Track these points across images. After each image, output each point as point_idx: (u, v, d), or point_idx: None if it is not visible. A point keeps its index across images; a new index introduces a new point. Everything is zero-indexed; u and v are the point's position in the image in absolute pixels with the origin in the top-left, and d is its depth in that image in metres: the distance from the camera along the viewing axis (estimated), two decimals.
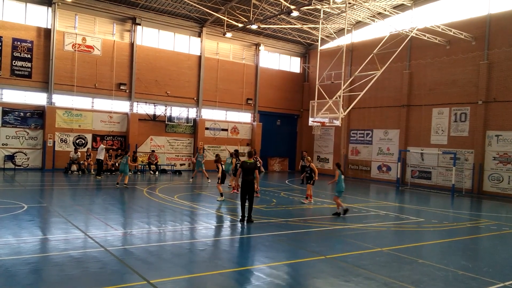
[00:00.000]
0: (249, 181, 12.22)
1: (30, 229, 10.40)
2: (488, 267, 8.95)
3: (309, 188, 17.32)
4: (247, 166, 12.34)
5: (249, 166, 12.33)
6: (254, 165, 12.39)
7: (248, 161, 12.54)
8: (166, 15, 29.41)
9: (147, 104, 29.13)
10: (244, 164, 12.47)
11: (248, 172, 12.29)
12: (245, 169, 12.34)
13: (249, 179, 12.23)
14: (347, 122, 32.02)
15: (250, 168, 12.31)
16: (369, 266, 8.44)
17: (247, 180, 12.22)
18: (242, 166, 12.49)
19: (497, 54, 24.16)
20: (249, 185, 12.22)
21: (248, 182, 12.21)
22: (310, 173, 17.32)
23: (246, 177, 12.25)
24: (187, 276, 7.47)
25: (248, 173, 12.28)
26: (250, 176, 12.27)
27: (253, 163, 12.46)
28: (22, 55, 25.00)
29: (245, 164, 12.43)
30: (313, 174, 17.18)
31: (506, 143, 23.59)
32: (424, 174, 27.53)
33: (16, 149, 25.11)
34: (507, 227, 14.16)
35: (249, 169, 12.30)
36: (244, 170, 12.34)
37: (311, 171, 17.25)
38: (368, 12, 28.33)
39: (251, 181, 12.25)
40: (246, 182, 12.22)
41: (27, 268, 7.40)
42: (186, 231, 11.34)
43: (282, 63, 36.24)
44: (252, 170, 12.32)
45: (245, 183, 12.24)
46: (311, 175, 17.24)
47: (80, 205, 14.24)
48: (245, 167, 12.36)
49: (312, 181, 17.20)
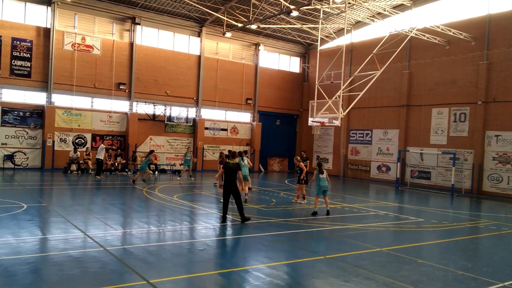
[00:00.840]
0: (232, 182, 12.11)
1: (29, 228, 10.39)
2: (488, 267, 8.96)
3: (302, 188, 17.02)
4: (230, 167, 12.22)
5: (232, 167, 12.23)
6: (237, 166, 12.32)
7: (231, 161, 12.44)
8: (165, 15, 29.40)
9: (146, 104, 29.12)
10: (227, 165, 12.33)
11: (231, 172, 12.16)
12: (228, 170, 12.20)
13: (232, 180, 12.12)
14: (346, 122, 32.04)
15: (233, 168, 12.21)
16: (369, 266, 8.44)
17: (230, 180, 12.10)
18: (225, 167, 12.34)
19: (496, 54, 24.18)
20: (232, 186, 12.11)
21: (231, 183, 12.10)
22: (300, 173, 16.96)
23: (229, 178, 12.13)
24: (187, 276, 7.47)
25: (231, 173, 12.16)
26: (233, 177, 12.15)
27: (236, 163, 12.42)
28: (22, 55, 24.98)
29: (228, 165, 12.30)
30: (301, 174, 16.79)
31: (506, 143, 23.61)
32: (423, 174, 27.54)
33: (16, 149, 25.09)
34: (506, 227, 14.17)
35: (232, 170, 12.18)
36: (227, 171, 12.20)
37: (301, 171, 16.92)
38: (368, 12, 28.34)
39: (234, 182, 12.15)
40: (229, 182, 12.11)
41: (26, 267, 7.39)
42: (185, 231, 11.34)
43: (281, 63, 36.24)
44: (235, 170, 12.22)
45: (228, 184, 12.12)
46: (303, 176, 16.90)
47: (79, 204, 14.24)
48: (228, 168, 12.23)
49: (304, 181, 16.85)
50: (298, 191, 17.42)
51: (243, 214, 12.23)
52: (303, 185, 17.09)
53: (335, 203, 17.89)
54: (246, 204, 15.28)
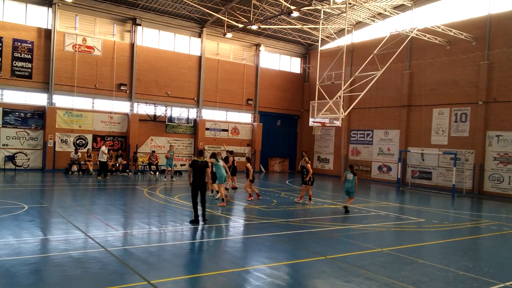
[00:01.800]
0: (200, 181, 11.97)
1: (30, 229, 10.40)
2: (489, 268, 8.95)
3: (309, 189, 17.18)
4: (198, 165, 12.04)
5: (200, 165, 12.06)
6: (205, 164, 12.18)
7: (199, 159, 12.26)
8: (166, 16, 29.42)
9: (147, 105, 29.14)
10: (195, 163, 12.12)
11: (199, 171, 12.00)
12: (195, 168, 12.01)
13: (200, 179, 11.97)
14: (347, 122, 32.02)
15: (201, 167, 12.04)
16: (370, 267, 8.43)
17: (199, 179, 11.96)
18: (192, 165, 12.13)
19: (497, 54, 24.16)
20: (200, 185, 11.98)
21: (199, 182, 11.96)
22: (306, 174, 17.18)
23: (198, 176, 11.97)
24: (188, 277, 7.48)
25: (199, 172, 11.99)
26: (201, 175, 12.00)
27: (204, 162, 12.28)
28: (23, 56, 25.01)
29: (196, 163, 12.10)
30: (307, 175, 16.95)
31: (507, 143, 23.58)
32: (424, 175, 27.52)
33: (17, 150, 25.12)
34: (507, 227, 14.16)
35: (200, 168, 12.02)
36: (195, 169, 12.01)
37: (307, 172, 17.14)
38: (368, 13, 28.33)
39: (202, 181, 11.99)
40: (197, 181, 11.96)
41: (27, 268, 7.40)
42: (186, 231, 11.33)
43: (282, 63, 36.25)
44: (203, 169, 12.06)
45: (196, 182, 11.97)
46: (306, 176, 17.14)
47: (80, 205, 14.24)
48: (195, 166, 12.04)
49: (310, 182, 17.02)
50: (302, 192, 17.43)
51: (205, 214, 12.20)
52: (310, 186, 17.15)
53: (336, 203, 17.89)
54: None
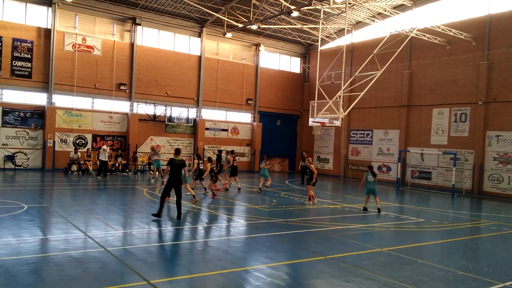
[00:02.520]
0: (177, 179, 12.26)
1: (30, 229, 10.40)
2: (489, 268, 8.95)
3: (310, 189, 17.31)
4: (176, 164, 12.31)
5: (177, 164, 12.34)
6: (182, 163, 12.45)
7: (176, 158, 12.50)
8: (166, 15, 29.41)
9: (147, 104, 29.13)
10: (172, 161, 12.37)
11: (176, 169, 12.26)
12: (173, 167, 12.27)
13: (177, 177, 12.25)
14: (347, 122, 32.02)
15: (178, 165, 12.33)
16: (370, 267, 8.44)
17: (175, 177, 12.23)
18: (170, 163, 12.37)
19: (497, 54, 24.16)
20: (177, 182, 12.28)
21: (175, 180, 12.24)
22: (310, 175, 17.32)
23: (175, 175, 12.24)
24: (187, 276, 7.47)
25: (176, 170, 12.26)
26: (178, 173, 12.27)
27: (181, 160, 12.48)
28: (22, 55, 25.00)
29: (173, 162, 12.35)
30: (312, 176, 17.16)
31: (506, 143, 23.59)
32: (424, 175, 27.53)
33: (16, 149, 25.11)
34: (507, 227, 14.16)
35: (177, 167, 12.30)
36: (172, 168, 12.26)
37: (311, 173, 17.26)
38: (368, 12, 28.33)
39: (178, 179, 12.29)
40: (173, 179, 12.22)
41: (27, 268, 7.40)
42: (186, 231, 11.34)
43: (282, 63, 36.24)
44: (180, 167, 12.36)
45: (172, 180, 12.24)
46: (311, 176, 17.23)
47: (80, 205, 14.24)
48: (173, 164, 12.29)
49: (313, 182, 17.17)
50: (310, 192, 17.38)
51: (180, 211, 12.49)
52: (313, 186, 17.22)
53: (336, 204, 17.90)
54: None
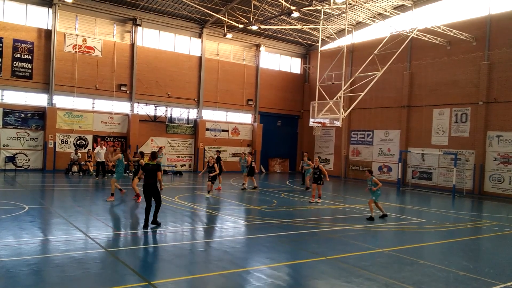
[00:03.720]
0: (152, 185, 11.27)
1: (31, 230, 10.40)
2: (490, 268, 8.94)
3: (319, 189, 17.57)
4: (149, 168, 11.35)
5: (151, 168, 11.34)
6: (156, 167, 11.39)
7: (150, 162, 11.55)
8: (166, 16, 29.43)
9: (147, 105, 29.15)
10: (145, 166, 11.50)
11: (150, 174, 11.28)
12: (146, 171, 11.36)
13: (151, 183, 11.26)
14: (347, 122, 32.01)
15: (152, 170, 11.31)
16: (370, 267, 8.43)
17: (150, 183, 11.25)
18: (143, 168, 11.53)
19: (497, 54, 24.14)
20: (152, 188, 11.28)
21: (150, 186, 11.27)
22: (319, 174, 17.47)
23: (148, 180, 11.25)
24: (188, 277, 7.47)
25: (150, 175, 11.28)
26: (151, 179, 11.26)
27: (155, 165, 11.47)
28: (23, 56, 25.02)
29: (146, 166, 11.45)
30: (322, 175, 17.47)
31: (507, 143, 23.57)
32: (425, 175, 27.51)
33: (17, 150, 25.12)
34: (508, 227, 14.15)
35: (151, 171, 11.30)
36: (146, 172, 11.36)
37: (320, 172, 17.45)
38: (369, 13, 28.32)
39: (153, 184, 11.27)
40: (148, 185, 11.27)
41: (28, 269, 7.40)
42: (186, 232, 11.34)
43: (282, 64, 36.24)
44: (154, 172, 11.31)
45: (147, 186, 11.28)
46: (320, 176, 17.43)
47: (81, 206, 14.24)
48: (146, 169, 11.39)
49: (322, 182, 17.40)
50: (313, 191, 17.64)
51: (156, 217, 11.47)
52: (320, 185, 17.48)
53: (337, 204, 17.90)
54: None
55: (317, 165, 17.81)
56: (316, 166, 17.85)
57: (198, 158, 30.89)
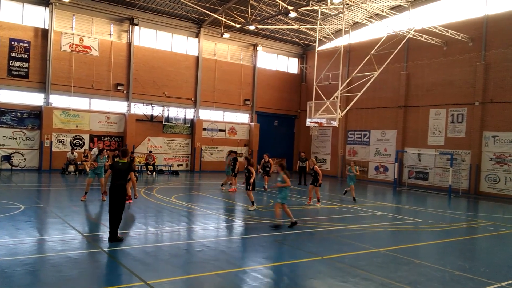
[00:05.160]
0: (119, 186, 9.66)
1: (27, 229, 10.37)
2: (485, 268, 8.98)
3: (317, 191, 17.00)
4: (119, 167, 9.79)
5: (121, 168, 9.80)
6: (126, 167, 9.87)
7: (120, 161, 9.99)
8: (163, 16, 29.39)
9: (144, 105, 29.10)
10: (115, 165, 9.86)
11: (119, 174, 9.74)
12: (115, 171, 9.78)
13: (119, 184, 9.68)
14: (344, 122, 32.06)
15: (121, 169, 9.78)
16: (366, 267, 8.45)
17: (117, 185, 9.65)
18: (112, 167, 9.88)
19: (494, 55, 24.24)
20: (118, 191, 9.67)
21: (117, 187, 9.64)
22: (315, 176, 16.92)
23: (117, 181, 9.68)
24: (185, 277, 7.47)
25: (119, 176, 9.73)
26: (121, 180, 9.74)
27: (125, 164, 9.93)
28: (19, 55, 24.93)
29: (116, 165, 9.84)
30: (318, 177, 16.82)
31: (503, 144, 23.66)
32: (421, 175, 27.59)
33: (13, 150, 25.03)
34: (504, 227, 14.21)
35: (119, 171, 9.76)
36: (114, 172, 9.78)
37: (315, 174, 16.91)
38: (366, 13, 28.38)
39: (121, 186, 9.70)
40: (115, 187, 9.63)
41: (23, 269, 7.38)
42: (183, 231, 11.33)
43: (279, 63, 36.26)
44: (125, 172, 9.81)
45: (113, 188, 9.64)
46: (316, 177, 16.85)
47: (77, 205, 14.20)
48: (116, 168, 9.79)
49: (318, 184, 16.87)
50: (310, 192, 17.18)
51: (116, 231, 9.63)
52: (318, 187, 16.97)
53: (333, 204, 17.92)
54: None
55: (312, 166, 17.36)
56: (311, 167, 17.42)
57: (195, 158, 30.86)
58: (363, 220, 14.20)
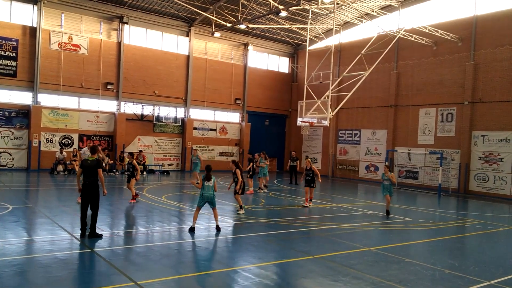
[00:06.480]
0: (90, 184, 9.83)
1: (15, 230, 10.23)
2: (475, 266, 9.05)
3: (311, 192, 16.52)
4: (88, 165, 9.89)
5: (89, 165, 9.88)
6: (95, 164, 9.91)
7: (89, 158, 10.10)
8: (154, 14, 29.21)
9: (134, 104, 28.91)
10: (84, 163, 10.01)
11: (89, 172, 9.83)
12: (84, 169, 9.90)
13: (90, 182, 9.83)
14: (335, 122, 32.17)
15: (90, 167, 9.85)
16: (357, 266, 8.47)
17: (88, 183, 9.82)
18: (82, 165, 10.03)
19: (483, 55, 24.46)
20: (91, 189, 9.85)
21: (88, 186, 9.83)
22: (312, 176, 16.40)
23: (87, 179, 9.82)
24: (175, 277, 7.42)
25: (89, 173, 9.83)
26: (91, 177, 9.83)
27: (94, 161, 9.98)
28: (7, 54, 24.61)
29: (85, 163, 9.98)
30: (315, 177, 16.37)
31: (492, 143, 23.90)
32: (411, 174, 27.77)
33: (1, 149, 24.71)
34: (492, 226, 14.35)
35: (88, 169, 9.84)
36: (84, 170, 9.90)
37: (313, 174, 16.40)
38: (356, 13, 28.49)
39: (92, 184, 9.85)
40: (86, 185, 9.84)
41: (12, 270, 7.28)
42: (174, 231, 11.27)
43: (270, 63, 36.26)
44: (93, 169, 9.84)
45: (85, 186, 9.86)
46: (313, 178, 16.37)
47: (66, 205, 14.06)
48: (85, 166, 9.92)
49: (314, 184, 16.43)
50: (306, 194, 16.46)
51: (94, 228, 9.89)
52: (313, 188, 16.53)
53: (324, 203, 17.96)
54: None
55: (309, 167, 16.61)
56: (308, 168, 16.64)
57: (185, 157, 30.74)
58: (354, 219, 14.25)
